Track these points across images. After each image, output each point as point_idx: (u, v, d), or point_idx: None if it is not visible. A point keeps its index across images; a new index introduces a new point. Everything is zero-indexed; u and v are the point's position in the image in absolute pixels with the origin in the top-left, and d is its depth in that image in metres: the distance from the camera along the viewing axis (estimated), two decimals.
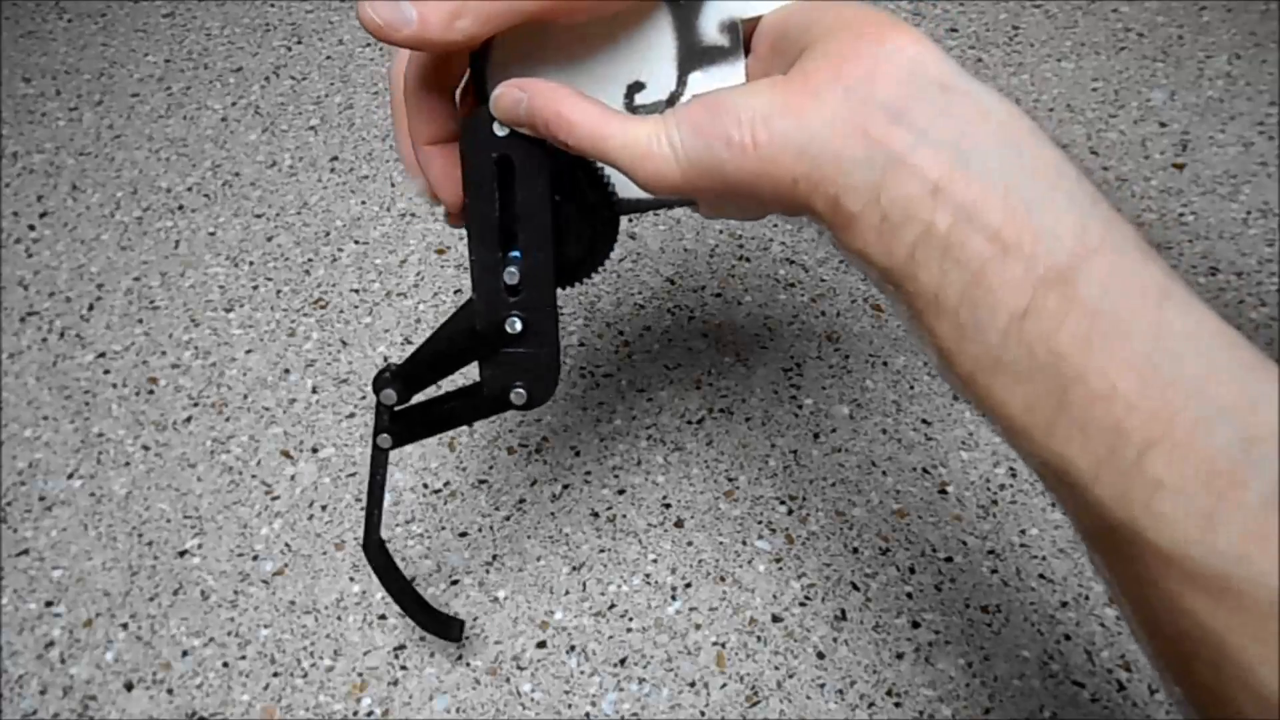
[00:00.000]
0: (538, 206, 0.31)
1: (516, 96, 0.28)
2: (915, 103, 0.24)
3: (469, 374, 0.36)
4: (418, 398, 0.36)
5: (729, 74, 0.30)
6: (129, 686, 0.43)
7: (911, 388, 0.53)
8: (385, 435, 0.35)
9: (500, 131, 0.30)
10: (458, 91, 0.33)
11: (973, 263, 0.22)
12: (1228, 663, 0.19)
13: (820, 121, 0.24)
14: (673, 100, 0.31)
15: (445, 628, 0.41)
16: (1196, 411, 0.20)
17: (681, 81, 0.30)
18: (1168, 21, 0.77)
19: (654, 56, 0.30)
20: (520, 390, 0.34)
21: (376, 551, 0.38)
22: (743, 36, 0.30)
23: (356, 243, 0.64)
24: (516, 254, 0.32)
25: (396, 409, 0.35)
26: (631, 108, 0.31)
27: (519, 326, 0.33)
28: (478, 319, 0.33)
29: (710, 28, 0.30)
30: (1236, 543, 0.19)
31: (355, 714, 0.42)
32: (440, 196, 0.32)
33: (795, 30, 0.28)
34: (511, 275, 0.32)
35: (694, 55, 0.30)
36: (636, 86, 0.31)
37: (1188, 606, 0.20)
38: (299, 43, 0.82)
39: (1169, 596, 0.20)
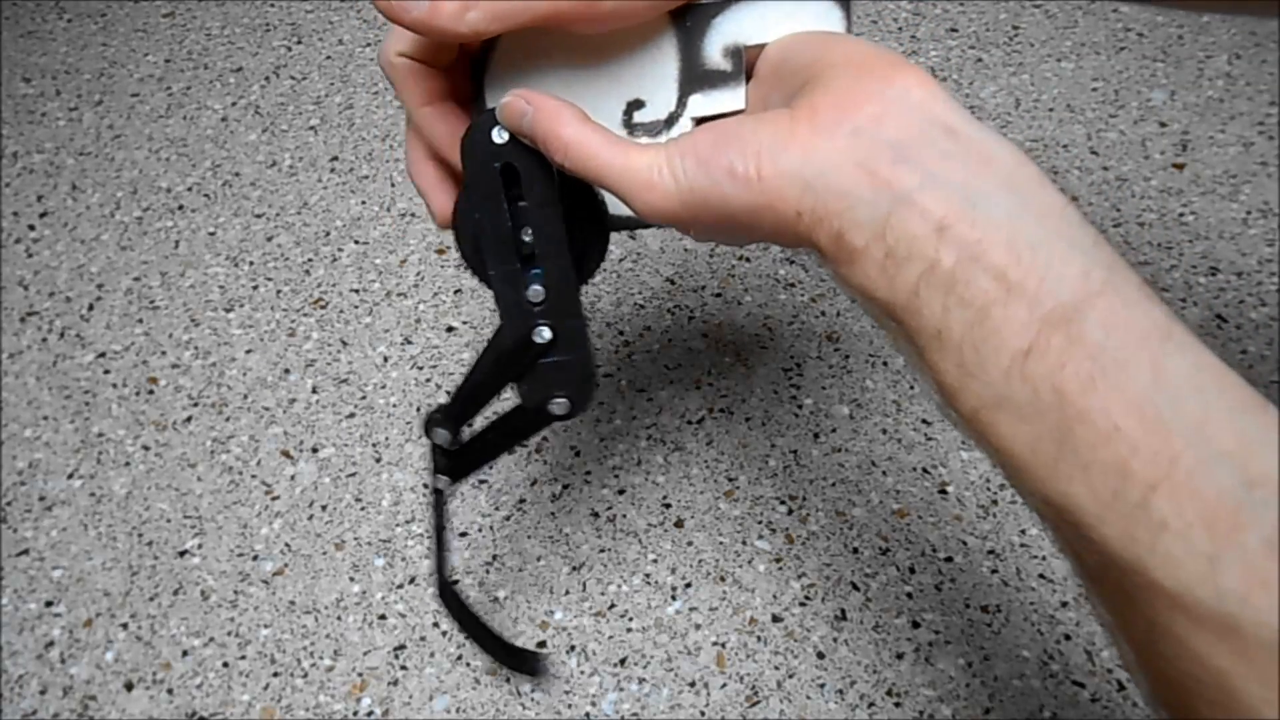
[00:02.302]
0: (548, 211, 0.31)
1: (522, 108, 0.28)
2: (922, 145, 0.24)
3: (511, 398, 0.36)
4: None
5: (730, 98, 0.30)
6: (129, 686, 0.43)
7: (911, 388, 0.53)
8: (442, 476, 0.35)
9: (499, 139, 0.30)
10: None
11: (977, 301, 0.22)
12: (1232, 704, 0.19)
13: (826, 158, 0.24)
14: (671, 120, 0.31)
15: (526, 663, 0.41)
16: (1197, 454, 0.20)
17: (681, 102, 0.30)
18: (1168, 21, 0.77)
19: (656, 76, 0.30)
20: (560, 400, 0.34)
21: (449, 596, 0.38)
22: (745, 61, 0.30)
23: (356, 243, 0.64)
24: (537, 270, 0.32)
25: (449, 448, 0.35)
26: (630, 125, 0.31)
27: (548, 335, 0.32)
28: (506, 334, 0.33)
29: (714, 52, 0.30)
30: (1239, 584, 0.19)
31: (355, 714, 0.42)
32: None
33: (800, 60, 0.28)
34: (536, 293, 0.32)
35: (696, 77, 0.30)
36: (636, 104, 0.31)
37: (1193, 647, 0.20)
38: (299, 43, 0.82)
39: (1174, 637, 0.20)
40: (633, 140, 0.28)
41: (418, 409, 0.53)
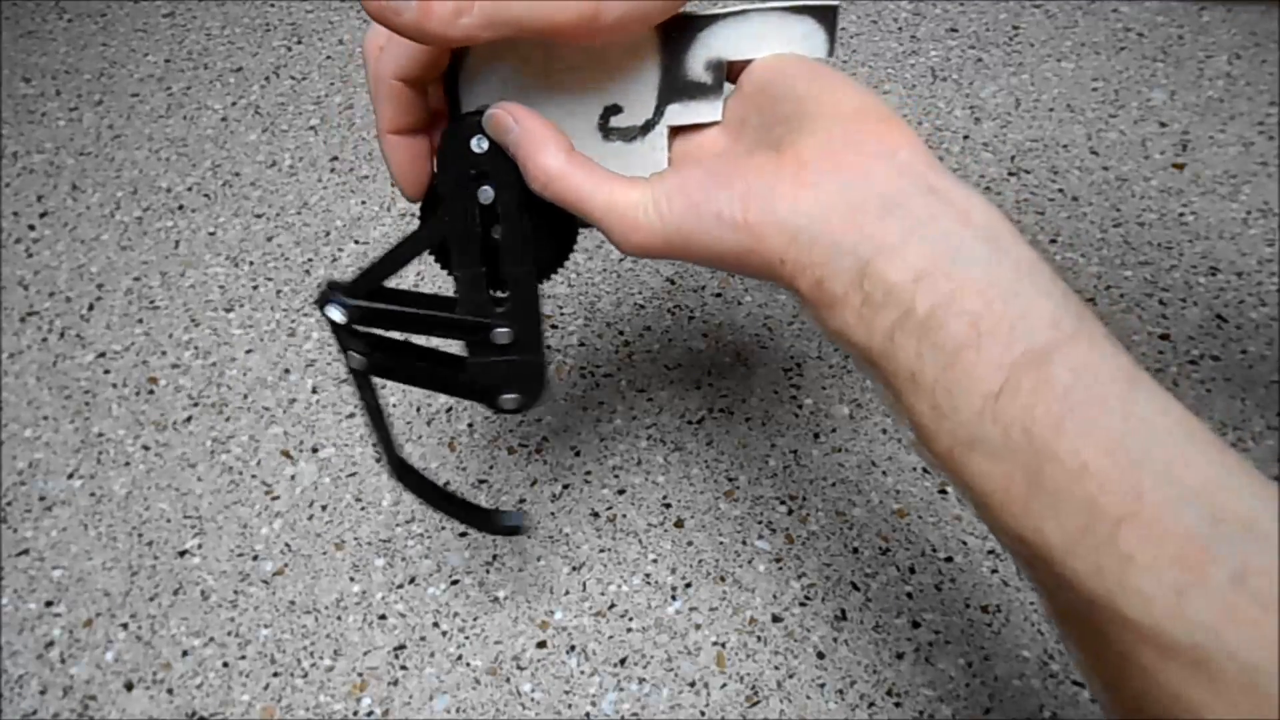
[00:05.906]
0: (515, 219, 0.32)
1: (509, 124, 0.29)
2: (906, 200, 0.25)
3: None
4: (397, 336, 0.35)
5: (707, 110, 0.31)
6: (129, 686, 0.43)
7: None
8: (353, 354, 0.34)
9: (478, 148, 0.30)
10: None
11: (950, 344, 0.23)
12: None
13: (814, 209, 0.25)
14: (647, 128, 0.31)
15: (501, 521, 0.38)
16: (1165, 491, 0.20)
17: (659, 111, 0.31)
18: (1168, 21, 0.77)
19: (636, 84, 0.30)
20: (510, 396, 0.35)
21: (405, 471, 0.37)
22: (726, 73, 0.30)
23: (356, 243, 0.64)
24: (500, 274, 0.33)
25: (373, 333, 0.34)
26: (606, 129, 0.31)
27: (507, 336, 0.33)
28: (460, 309, 0.33)
29: (696, 64, 0.30)
30: (1208, 618, 0.19)
31: (355, 714, 0.42)
32: (402, 184, 0.33)
33: (787, 91, 0.28)
34: (498, 296, 0.33)
35: (675, 88, 0.30)
36: (614, 109, 0.31)
37: (1164, 680, 0.20)
38: (299, 43, 0.82)
39: (1145, 671, 0.21)
40: (617, 175, 0.28)
41: (418, 409, 0.53)
